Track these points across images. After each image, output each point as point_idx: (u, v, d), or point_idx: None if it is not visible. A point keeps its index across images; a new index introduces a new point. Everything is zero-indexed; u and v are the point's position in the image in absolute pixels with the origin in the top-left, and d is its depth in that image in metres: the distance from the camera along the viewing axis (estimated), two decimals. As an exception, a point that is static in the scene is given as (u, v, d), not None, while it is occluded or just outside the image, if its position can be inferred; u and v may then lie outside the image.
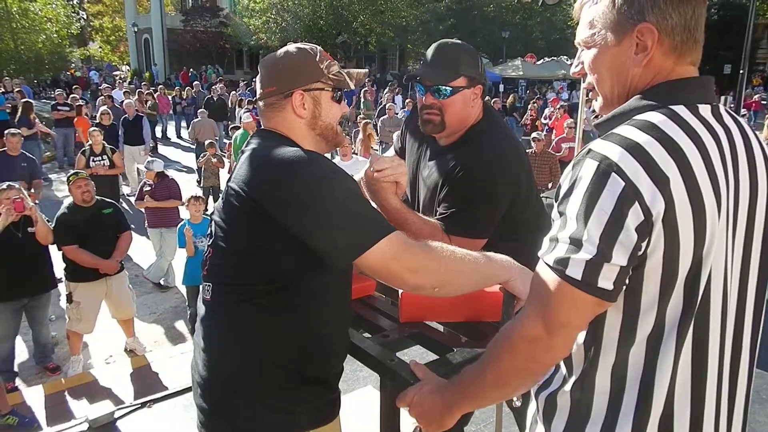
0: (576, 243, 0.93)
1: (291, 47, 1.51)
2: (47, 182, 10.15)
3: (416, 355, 1.60)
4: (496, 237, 1.87)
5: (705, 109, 1.02)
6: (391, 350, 1.51)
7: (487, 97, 2.01)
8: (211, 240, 1.43)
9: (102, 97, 14.60)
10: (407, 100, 15.44)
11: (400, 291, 1.61)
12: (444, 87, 1.85)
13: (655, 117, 0.97)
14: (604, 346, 1.03)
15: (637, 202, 0.90)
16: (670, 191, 0.91)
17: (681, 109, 0.99)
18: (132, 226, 5.01)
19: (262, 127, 1.51)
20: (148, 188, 6.22)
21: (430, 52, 1.94)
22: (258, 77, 1.50)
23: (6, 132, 7.31)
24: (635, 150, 0.92)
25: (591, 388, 1.05)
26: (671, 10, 1.00)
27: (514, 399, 1.51)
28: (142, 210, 6.57)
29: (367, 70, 1.79)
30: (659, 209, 0.91)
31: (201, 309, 1.46)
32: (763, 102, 21.40)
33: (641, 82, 1.05)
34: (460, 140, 1.95)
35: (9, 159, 6.88)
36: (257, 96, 1.51)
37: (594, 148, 0.96)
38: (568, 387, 1.08)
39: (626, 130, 0.96)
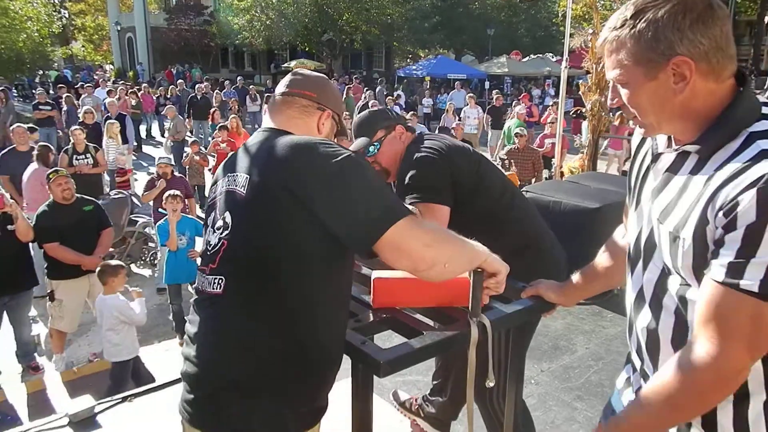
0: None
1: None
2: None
3: (398, 340, 1.63)
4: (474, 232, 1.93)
5: None
6: (363, 334, 1.54)
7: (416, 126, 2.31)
8: (225, 232, 1.40)
9: (84, 95, 14.48)
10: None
11: (373, 277, 1.65)
12: (371, 146, 2.21)
13: None
14: None
15: None
16: None
17: None
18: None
19: (271, 120, 1.54)
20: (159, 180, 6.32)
21: (352, 127, 2.33)
22: (294, 78, 1.60)
23: (12, 127, 7.00)
24: None
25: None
26: (700, 37, 1.01)
27: (487, 380, 1.55)
28: (150, 204, 6.57)
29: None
30: None
31: (202, 305, 1.43)
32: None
33: (694, 104, 1.07)
34: None
35: (19, 155, 6.57)
36: (290, 90, 1.56)
37: None
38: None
39: None
